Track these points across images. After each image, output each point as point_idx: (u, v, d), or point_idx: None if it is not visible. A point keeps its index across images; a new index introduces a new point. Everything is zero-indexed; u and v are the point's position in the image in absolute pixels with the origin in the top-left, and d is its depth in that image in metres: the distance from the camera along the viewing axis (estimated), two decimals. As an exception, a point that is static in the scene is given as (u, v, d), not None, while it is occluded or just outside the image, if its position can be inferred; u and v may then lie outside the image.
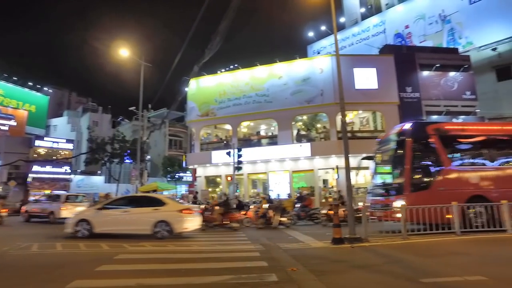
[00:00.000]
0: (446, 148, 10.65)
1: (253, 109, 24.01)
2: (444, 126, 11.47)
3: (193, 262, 6.63)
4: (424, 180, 10.35)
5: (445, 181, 10.27)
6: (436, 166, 10.45)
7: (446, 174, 10.35)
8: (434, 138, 10.63)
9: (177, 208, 10.61)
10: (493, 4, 28.90)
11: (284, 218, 13.98)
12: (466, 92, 23.72)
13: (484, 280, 4.76)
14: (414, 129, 10.89)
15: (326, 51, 40.30)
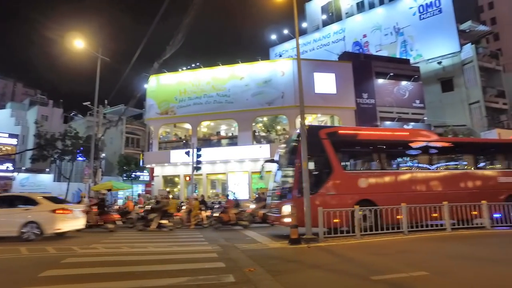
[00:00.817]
0: (338, 153, 10.66)
1: (214, 109, 23.83)
2: (337, 131, 11.63)
3: (148, 264, 6.41)
4: (314, 184, 9.99)
5: (334, 185, 10.25)
6: (326, 171, 10.36)
7: (335, 178, 10.33)
8: (326, 142, 10.53)
9: (50, 208, 10.29)
10: (439, 22, 31.25)
11: (164, 221, 13.48)
12: (416, 101, 25.36)
13: (426, 275, 5.12)
14: (307, 133, 10.56)
15: (288, 55, 41.05)
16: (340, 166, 10.60)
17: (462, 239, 9.12)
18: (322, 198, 9.93)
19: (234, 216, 14.04)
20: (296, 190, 9.95)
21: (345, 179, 10.52)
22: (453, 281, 4.90)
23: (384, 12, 35.81)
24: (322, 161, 10.43)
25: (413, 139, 11.96)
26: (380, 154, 11.49)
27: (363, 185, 10.48)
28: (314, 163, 10.32)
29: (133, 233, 13.13)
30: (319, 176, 10.31)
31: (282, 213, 10.15)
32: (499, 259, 6.36)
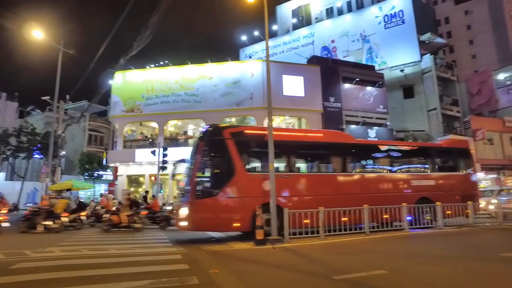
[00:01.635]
0: (244, 154, 10.26)
1: (181, 108, 23.46)
2: (243, 131, 11.15)
3: (109, 267, 6.17)
4: (213, 186, 9.65)
5: (236, 187, 9.72)
6: (228, 172, 9.83)
7: (237, 180, 9.81)
8: (230, 143, 10.03)
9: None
10: (402, 32, 32.83)
11: (49, 222, 12.89)
12: (379, 106, 26.40)
13: (385, 273, 5.35)
14: (210, 132, 10.40)
15: (258, 56, 41.25)
16: (243, 168, 10.10)
17: (407, 239, 9.61)
18: (222, 201, 9.47)
19: (125, 218, 13.16)
20: (193, 191, 9.41)
21: (248, 181, 10.02)
22: (409, 278, 5.15)
23: (352, 20, 36.98)
24: (225, 162, 9.89)
25: (327, 141, 11.94)
26: (290, 156, 11.09)
27: (268, 188, 9.77)
28: (216, 163, 9.89)
29: (95, 234, 12.61)
30: (220, 178, 9.76)
31: (179, 216, 9.73)
32: (445, 256, 6.76)
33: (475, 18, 48.64)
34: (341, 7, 39.71)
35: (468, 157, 14.09)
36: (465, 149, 14.35)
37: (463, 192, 12.85)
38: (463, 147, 14.47)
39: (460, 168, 13.77)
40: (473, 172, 14.12)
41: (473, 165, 14.22)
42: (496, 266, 5.93)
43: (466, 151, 14.24)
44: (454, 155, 14.09)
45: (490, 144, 29.57)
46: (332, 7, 40.43)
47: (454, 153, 14.13)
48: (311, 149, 11.74)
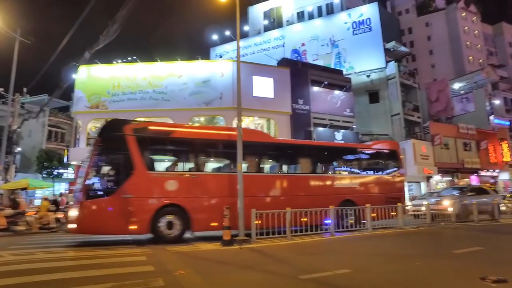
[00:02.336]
0: (145, 151, 9.64)
1: (149, 105, 22.87)
2: (147, 127, 10.50)
3: (68, 271, 5.86)
4: (108, 185, 9.08)
5: (134, 187, 9.12)
6: (126, 170, 9.21)
7: (136, 180, 9.22)
8: (131, 139, 9.41)
9: None
10: (369, 39, 34.04)
11: None
12: (346, 110, 27.18)
13: (349, 272, 5.51)
14: (108, 127, 9.88)
15: (228, 56, 41.09)
16: (144, 166, 9.42)
17: (369, 239, 9.99)
18: (117, 202, 8.89)
19: (4, 220, 12.17)
20: (84, 191, 8.79)
21: (149, 181, 9.42)
22: (371, 276, 5.33)
23: (322, 24, 37.81)
24: (123, 160, 9.33)
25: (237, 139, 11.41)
26: (197, 155, 10.56)
27: (171, 188, 9.45)
28: (113, 161, 9.43)
29: (52, 236, 11.97)
30: (117, 177, 9.21)
31: (68, 218, 9.11)
32: (405, 254, 7.09)
33: (434, 31, 51.57)
34: (311, 12, 40.50)
35: (396, 159, 14.08)
36: (394, 151, 14.29)
37: (389, 194, 12.87)
38: (391, 149, 14.39)
39: (388, 170, 13.82)
40: (401, 174, 14.09)
41: (401, 167, 14.21)
42: (450, 262, 6.30)
43: (394, 153, 14.20)
44: (382, 157, 14.10)
45: (446, 149, 31.34)
46: (303, 11, 41.13)
47: (383, 155, 14.13)
48: (222, 148, 11.08)
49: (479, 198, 15.04)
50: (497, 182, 35.31)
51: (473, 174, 33.11)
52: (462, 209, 13.89)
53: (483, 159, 33.34)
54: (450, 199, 14.53)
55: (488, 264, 6.11)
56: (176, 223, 9.36)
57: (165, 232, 9.23)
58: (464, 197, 14.95)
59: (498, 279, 4.73)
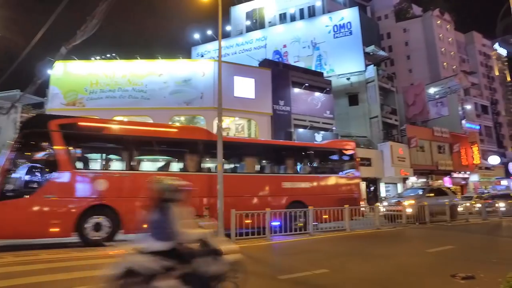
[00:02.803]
0: (73, 149, 9.16)
1: (128, 104, 22.41)
2: (77, 122, 9.74)
3: (37, 275, 5.64)
4: (27, 185, 8.47)
5: (57, 187, 8.60)
6: (49, 169, 8.67)
7: (60, 179, 8.68)
8: (56, 135, 8.83)
9: None
10: (349, 43, 34.65)
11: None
12: (326, 111, 27.57)
13: (327, 272, 5.61)
14: (31, 122, 9.40)
15: (210, 56, 40.84)
16: (69, 165, 8.85)
17: (348, 239, 10.19)
18: (37, 202, 8.35)
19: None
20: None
21: (74, 180, 8.87)
22: (348, 276, 5.43)
23: (303, 26, 38.20)
24: (47, 157, 8.83)
25: (179, 137, 10.90)
26: (130, 152, 9.93)
27: (100, 188, 8.98)
28: (35, 158, 8.92)
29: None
30: (39, 175, 8.67)
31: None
32: (380, 254, 7.27)
33: (411, 36, 53.16)
34: (294, 14, 40.85)
35: (351, 159, 13.73)
36: (349, 150, 13.92)
37: (343, 196, 12.52)
38: (346, 148, 13.91)
39: (342, 171, 13.48)
40: (356, 175, 13.74)
41: (356, 168, 13.85)
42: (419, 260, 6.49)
43: (350, 152, 13.86)
44: (337, 157, 13.66)
45: (421, 151, 32.34)
46: (285, 13, 41.43)
47: (337, 155, 13.67)
48: (157, 146, 10.56)
49: (437, 199, 15.25)
50: (467, 183, 36.75)
51: (446, 176, 34.34)
52: (420, 210, 13.75)
53: (455, 161, 34.61)
54: (409, 200, 14.60)
55: (459, 261, 6.34)
56: (104, 224, 8.84)
57: (91, 234, 8.69)
58: (422, 198, 14.99)
59: (466, 276, 4.99)
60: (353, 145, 14.56)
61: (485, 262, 6.32)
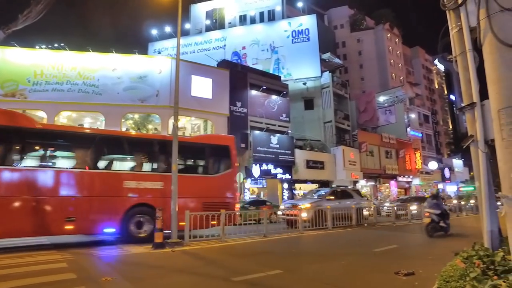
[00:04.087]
0: None
1: (78, 98, 21.11)
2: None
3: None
4: None
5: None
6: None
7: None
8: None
9: None
10: (307, 49, 35.68)
11: None
12: (282, 115, 28.08)
13: (281, 273, 5.69)
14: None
15: (167, 53, 39.90)
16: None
17: (301, 239, 10.48)
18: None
19: None
20: None
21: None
22: (301, 276, 5.56)
23: (263, 30, 38.65)
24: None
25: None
26: None
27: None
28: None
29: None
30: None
31: None
32: (331, 254, 7.55)
33: (364, 47, 56.17)
34: (254, 16, 41.16)
35: (228, 157, 11.77)
36: (225, 147, 11.93)
37: (211, 199, 10.80)
38: (221, 144, 12.03)
39: (214, 170, 11.55)
40: (232, 174, 11.86)
41: (233, 167, 11.80)
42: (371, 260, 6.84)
43: (226, 149, 11.85)
44: (208, 153, 11.60)
45: (371, 156, 34.12)
46: (245, 15, 41.61)
47: (209, 151, 11.60)
48: None
49: (340, 202, 14.44)
50: (410, 186, 39.47)
51: (392, 180, 36.57)
52: (317, 215, 12.50)
53: (401, 166, 36.98)
54: (306, 204, 13.53)
55: (401, 259, 6.77)
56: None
57: None
58: (322, 202, 13.91)
59: (408, 272, 5.35)
60: (231, 141, 12.40)
61: (422, 259, 6.81)
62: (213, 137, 14.63)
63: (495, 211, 3.35)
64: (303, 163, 27.52)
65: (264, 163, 24.68)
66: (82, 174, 9.46)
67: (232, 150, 12.00)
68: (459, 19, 3.61)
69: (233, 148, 12.09)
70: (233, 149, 12.05)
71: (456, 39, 3.80)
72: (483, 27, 2.85)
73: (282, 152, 26.01)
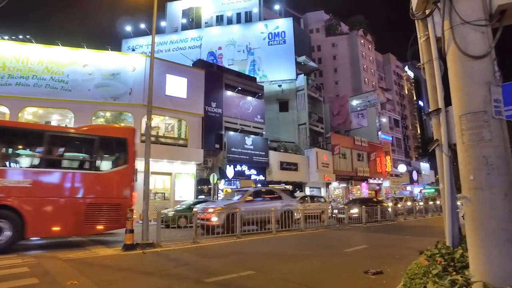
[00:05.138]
0: None
1: (45, 94, 20.20)
2: None
3: None
4: None
5: None
6: None
7: None
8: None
9: None
10: (283, 51, 36.08)
11: None
12: (257, 116, 28.20)
13: (253, 274, 5.71)
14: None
15: (142, 50, 39.03)
16: None
17: (275, 240, 10.58)
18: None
19: None
20: None
21: None
22: (273, 277, 5.60)
23: (239, 31, 38.67)
24: None
25: None
26: None
27: None
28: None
29: None
30: None
31: None
32: (303, 254, 7.67)
33: (339, 51, 57.54)
34: (231, 17, 41.11)
35: (123, 151, 9.91)
36: (121, 139, 10.02)
37: (100, 199, 9.18)
38: (115, 137, 10.29)
39: (105, 165, 9.88)
40: (128, 171, 9.81)
41: (129, 163, 9.84)
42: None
43: (121, 142, 9.93)
44: (98, 146, 9.61)
45: (343, 158, 34.93)
46: (222, 15, 41.48)
47: (98, 144, 9.59)
48: None
49: (264, 204, 12.81)
50: (380, 188, 40.74)
51: (364, 182, 37.59)
52: (231, 219, 10.99)
53: (372, 169, 38.10)
54: (217, 207, 11.91)
55: (370, 259, 6.97)
56: None
57: None
58: (239, 204, 12.26)
59: (376, 272, 5.53)
60: (129, 133, 10.46)
61: (390, 258, 7.05)
62: (106, 128, 12.70)
63: (456, 211, 3.53)
64: (277, 165, 27.76)
65: (239, 164, 24.68)
66: None
67: (131, 143, 10.07)
68: (427, 29, 3.78)
69: (132, 142, 10.17)
70: (132, 143, 10.14)
71: (424, 47, 3.98)
72: (447, 37, 3.00)
73: (256, 153, 26.11)
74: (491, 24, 2.85)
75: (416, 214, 21.62)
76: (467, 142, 2.79)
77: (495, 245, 2.56)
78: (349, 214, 16.35)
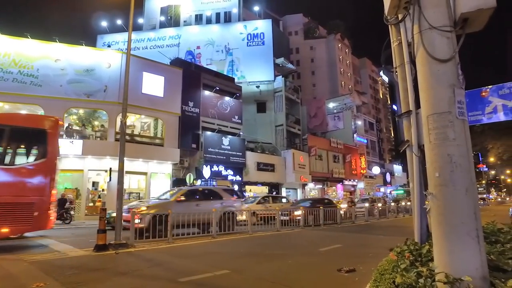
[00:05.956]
0: None
1: (12, 88, 19.27)
2: None
3: None
4: None
5: None
6: None
7: None
8: None
9: None
10: (261, 52, 36.29)
11: None
12: (235, 116, 28.18)
13: (228, 273, 5.71)
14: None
15: (118, 47, 38.18)
16: None
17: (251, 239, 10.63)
18: None
19: None
20: None
21: None
22: (249, 275, 5.62)
23: (218, 31, 38.53)
24: None
25: None
26: None
27: None
28: None
29: None
30: None
31: None
32: (278, 254, 7.75)
33: (317, 54, 58.42)
34: (210, 17, 40.92)
35: (41, 143, 8.83)
36: (39, 130, 8.94)
37: (7, 197, 8.00)
38: (31, 127, 9.08)
39: (16, 158, 8.68)
40: (47, 166, 8.66)
41: (48, 156, 8.72)
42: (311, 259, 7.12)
43: (39, 133, 8.87)
44: (8, 137, 8.53)
45: (319, 160, 35.48)
46: (201, 14, 41.22)
47: (9, 134, 8.53)
48: None
49: (199, 205, 11.71)
50: (355, 190, 41.68)
51: (339, 183, 38.32)
52: (154, 221, 9.72)
53: (347, 170, 38.90)
54: (140, 207, 10.54)
55: (344, 258, 7.13)
56: None
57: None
58: (170, 205, 11.00)
59: (349, 269, 5.67)
60: (50, 123, 9.21)
61: (363, 257, 7.23)
62: (21, 117, 11.08)
63: (424, 209, 3.68)
64: (254, 165, 27.85)
65: (215, 164, 24.57)
66: None
67: (51, 136, 8.91)
68: (399, 34, 3.92)
69: (53, 133, 8.98)
70: (53, 135, 8.96)
71: (396, 52, 4.13)
72: (416, 41, 3.14)
73: (233, 154, 26.09)
74: (455, 30, 3.02)
75: (388, 214, 22.26)
76: (433, 141, 2.92)
77: (457, 238, 2.71)
78: (292, 216, 14.89)
